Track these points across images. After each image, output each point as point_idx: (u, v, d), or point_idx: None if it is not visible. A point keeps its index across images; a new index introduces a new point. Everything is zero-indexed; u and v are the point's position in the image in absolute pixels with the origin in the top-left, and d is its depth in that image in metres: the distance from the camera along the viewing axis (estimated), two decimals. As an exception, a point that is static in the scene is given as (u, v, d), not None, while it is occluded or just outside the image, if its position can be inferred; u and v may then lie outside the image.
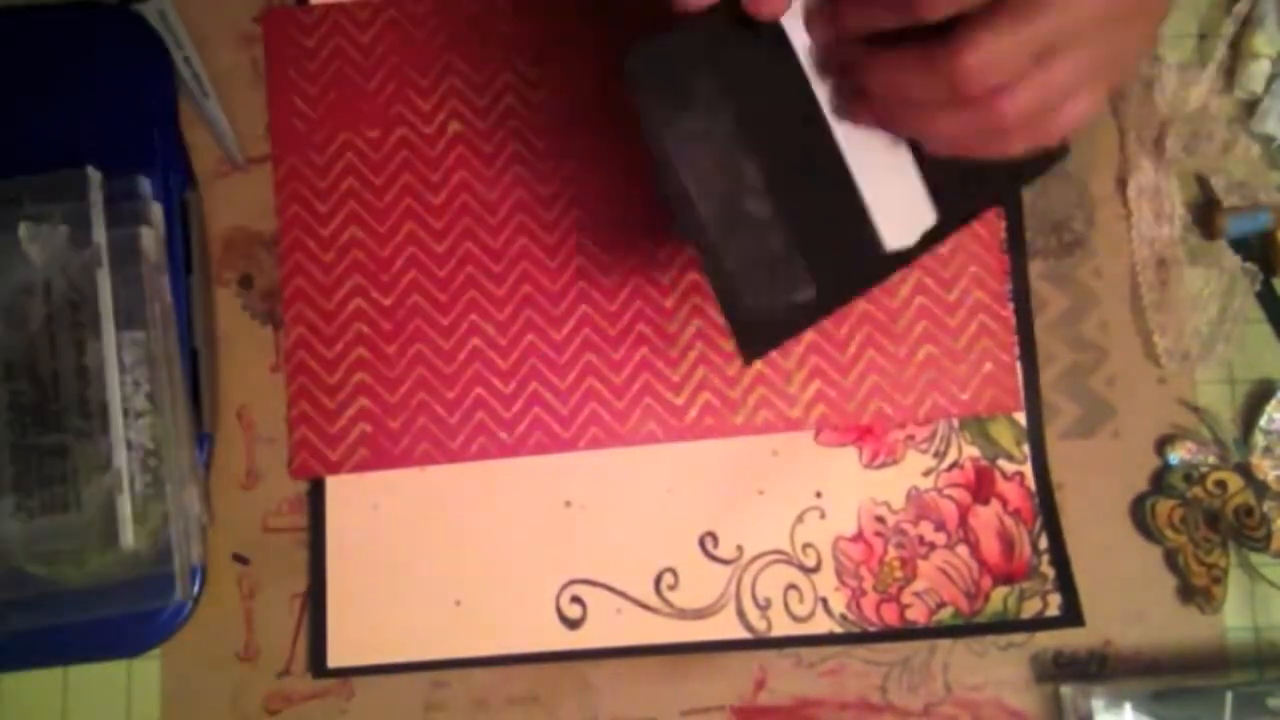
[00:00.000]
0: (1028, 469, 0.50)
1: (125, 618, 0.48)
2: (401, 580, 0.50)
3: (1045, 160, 0.40)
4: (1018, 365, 0.50)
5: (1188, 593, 0.49)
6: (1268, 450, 0.49)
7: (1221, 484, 0.48)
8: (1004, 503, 0.50)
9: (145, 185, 0.50)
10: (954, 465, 0.50)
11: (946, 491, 0.50)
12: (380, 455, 0.50)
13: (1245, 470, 0.49)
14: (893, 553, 0.49)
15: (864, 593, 0.49)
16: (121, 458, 0.46)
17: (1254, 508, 0.48)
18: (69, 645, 0.49)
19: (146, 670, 0.50)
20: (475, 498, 0.50)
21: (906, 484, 0.50)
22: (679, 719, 0.49)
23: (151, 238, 0.49)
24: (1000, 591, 0.49)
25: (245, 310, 0.52)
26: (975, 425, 0.50)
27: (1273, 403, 0.50)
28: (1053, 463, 0.50)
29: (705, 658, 0.49)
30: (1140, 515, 0.49)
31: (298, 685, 0.50)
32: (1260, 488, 0.48)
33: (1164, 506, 0.49)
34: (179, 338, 0.49)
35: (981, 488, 0.50)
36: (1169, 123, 0.51)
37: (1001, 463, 0.50)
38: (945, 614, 0.49)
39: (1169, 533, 0.48)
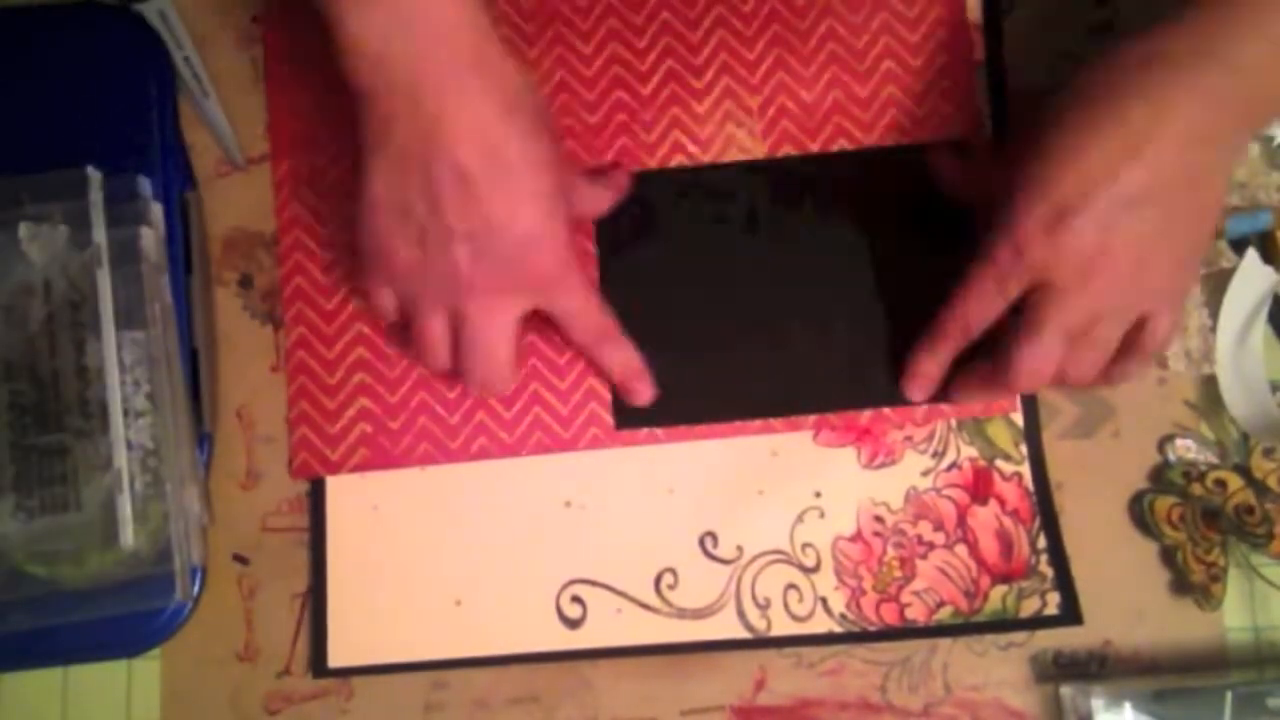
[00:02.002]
0: (1026, 469, 0.50)
1: (125, 618, 0.48)
2: (401, 580, 0.50)
3: None
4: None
5: (1187, 591, 0.49)
6: (1268, 450, 0.49)
7: (1221, 483, 0.48)
8: (1002, 503, 0.50)
9: (145, 185, 0.50)
10: (952, 465, 0.50)
11: (945, 491, 0.50)
12: (380, 455, 0.50)
13: (1245, 471, 0.49)
14: (892, 552, 0.49)
15: (863, 592, 0.49)
16: (121, 458, 0.46)
17: (1255, 506, 0.48)
18: (69, 645, 0.48)
19: (146, 670, 0.50)
20: (475, 498, 0.50)
21: (905, 484, 0.50)
22: (679, 719, 0.49)
23: (151, 238, 0.49)
24: (999, 590, 0.49)
25: (245, 310, 0.52)
26: (973, 426, 0.50)
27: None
28: (1052, 462, 0.50)
29: (705, 657, 0.49)
30: (1139, 512, 0.49)
31: (298, 685, 0.50)
32: (1260, 488, 0.48)
33: (1163, 504, 0.49)
34: (179, 338, 0.49)
35: (980, 488, 0.50)
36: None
37: (1000, 463, 0.50)
38: (944, 613, 0.49)
39: (1167, 529, 0.48)
